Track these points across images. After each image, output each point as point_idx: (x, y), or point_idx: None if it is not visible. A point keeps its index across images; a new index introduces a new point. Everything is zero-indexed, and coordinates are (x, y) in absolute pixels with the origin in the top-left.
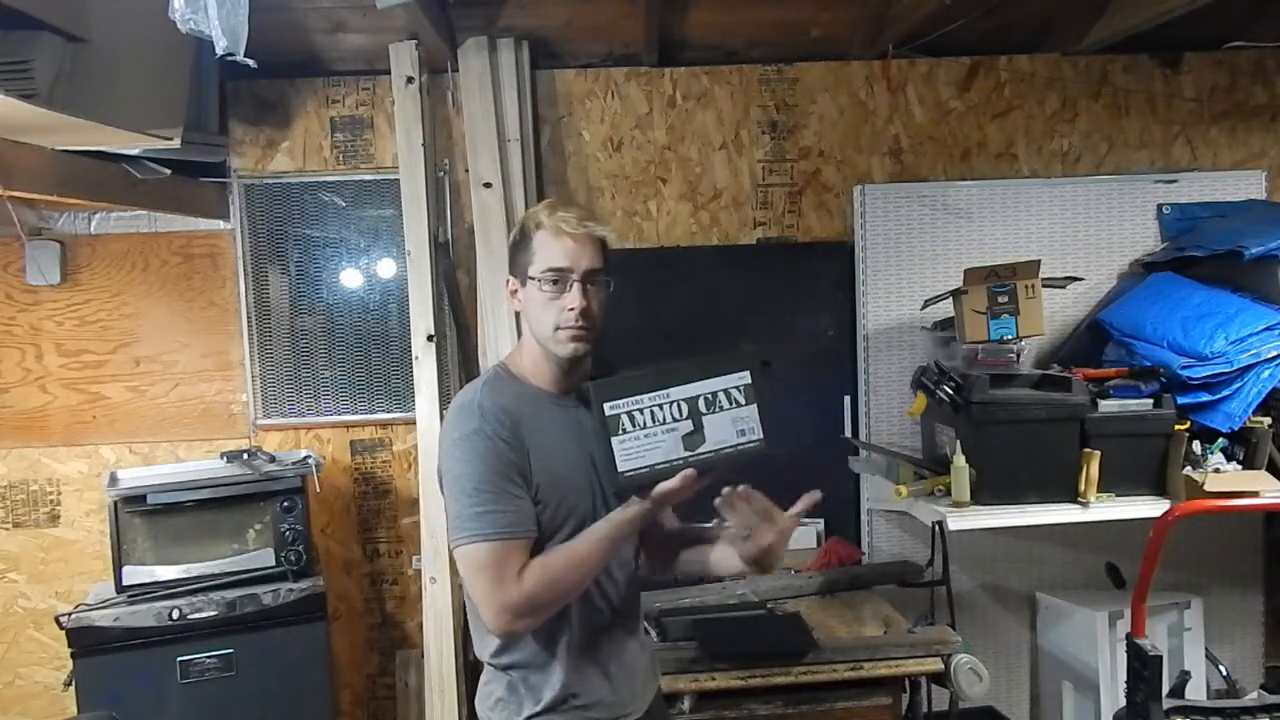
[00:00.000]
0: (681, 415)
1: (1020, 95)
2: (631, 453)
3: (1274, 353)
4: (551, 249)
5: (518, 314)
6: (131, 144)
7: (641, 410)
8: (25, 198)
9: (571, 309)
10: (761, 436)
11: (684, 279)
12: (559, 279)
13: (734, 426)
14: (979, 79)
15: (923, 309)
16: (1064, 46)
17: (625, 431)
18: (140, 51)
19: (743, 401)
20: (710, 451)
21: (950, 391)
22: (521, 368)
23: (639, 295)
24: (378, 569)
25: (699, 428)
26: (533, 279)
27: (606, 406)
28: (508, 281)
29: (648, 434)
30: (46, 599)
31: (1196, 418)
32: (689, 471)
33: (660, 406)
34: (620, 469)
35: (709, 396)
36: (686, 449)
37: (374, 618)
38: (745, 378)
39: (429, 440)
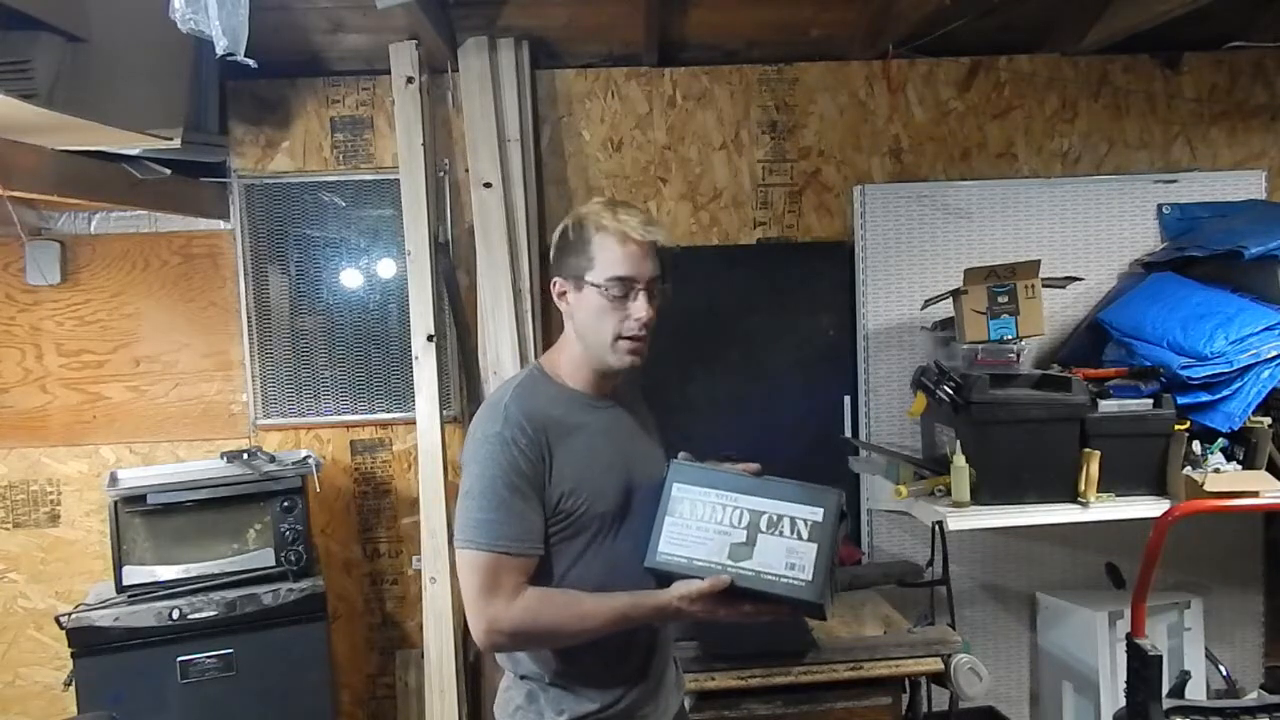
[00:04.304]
0: (738, 524)
1: (1020, 95)
2: (677, 538)
3: (1274, 353)
4: (616, 255)
5: (518, 313)
6: (131, 144)
7: (706, 503)
8: (25, 198)
9: (638, 319)
10: (810, 579)
11: (684, 279)
12: (625, 289)
13: (785, 557)
14: (979, 79)
15: (923, 309)
16: (1064, 46)
17: (681, 516)
18: (140, 51)
19: (805, 536)
20: (751, 571)
21: (950, 391)
22: (558, 368)
23: None
24: (378, 569)
25: (750, 542)
26: (593, 285)
27: (676, 487)
28: (554, 283)
29: (700, 527)
30: (46, 599)
31: (1196, 418)
32: (722, 578)
33: (724, 506)
34: (660, 548)
35: (773, 517)
36: (730, 557)
37: (374, 618)
38: (818, 515)
39: (429, 440)
